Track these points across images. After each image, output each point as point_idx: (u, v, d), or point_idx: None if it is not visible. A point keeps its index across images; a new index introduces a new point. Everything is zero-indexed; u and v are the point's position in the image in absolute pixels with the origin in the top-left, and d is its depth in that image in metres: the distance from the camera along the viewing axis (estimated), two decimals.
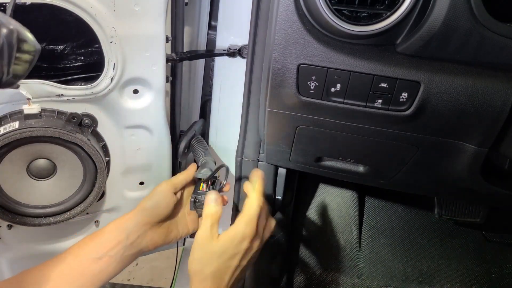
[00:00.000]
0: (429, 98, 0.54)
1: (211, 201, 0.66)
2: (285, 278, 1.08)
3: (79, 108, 0.72)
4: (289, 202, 1.03)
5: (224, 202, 0.71)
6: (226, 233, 0.62)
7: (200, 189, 0.73)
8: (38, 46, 0.32)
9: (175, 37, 0.76)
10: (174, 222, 0.76)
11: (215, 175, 0.74)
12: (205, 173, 0.74)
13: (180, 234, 0.77)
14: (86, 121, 0.72)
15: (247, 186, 0.67)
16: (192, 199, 0.72)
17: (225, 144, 0.96)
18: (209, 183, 0.75)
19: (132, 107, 0.75)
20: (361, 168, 0.74)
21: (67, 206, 0.78)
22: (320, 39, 0.54)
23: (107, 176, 0.77)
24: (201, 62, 0.93)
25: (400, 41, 0.53)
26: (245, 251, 0.62)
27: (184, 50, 0.80)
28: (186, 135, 0.88)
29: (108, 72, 0.68)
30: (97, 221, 0.89)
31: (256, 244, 0.64)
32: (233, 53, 0.83)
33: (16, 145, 0.67)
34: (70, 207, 0.78)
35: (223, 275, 0.62)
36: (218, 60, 0.90)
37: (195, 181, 0.77)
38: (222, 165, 0.73)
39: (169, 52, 0.77)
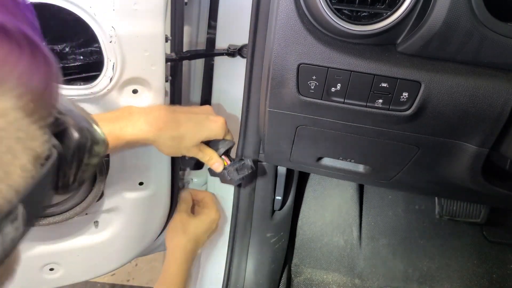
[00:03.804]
0: (430, 98, 0.54)
1: (184, 193, 0.92)
2: (285, 278, 1.08)
3: None
4: (289, 202, 1.03)
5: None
6: (202, 215, 0.87)
7: (226, 164, 0.80)
8: (107, 143, 0.29)
9: (174, 37, 0.76)
10: None
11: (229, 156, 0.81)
12: (224, 146, 0.79)
13: None
14: None
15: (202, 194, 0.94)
16: (230, 175, 0.80)
17: None
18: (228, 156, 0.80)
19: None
20: (361, 168, 0.74)
21: (66, 207, 0.77)
22: (320, 39, 0.54)
23: (106, 176, 0.77)
24: (200, 62, 0.93)
25: (401, 41, 0.53)
26: (212, 230, 0.88)
27: (184, 50, 0.79)
28: None
29: (107, 72, 0.68)
30: (97, 221, 0.89)
31: (216, 227, 0.89)
32: (233, 52, 0.83)
33: None
34: (69, 208, 0.77)
35: (198, 244, 0.85)
36: (218, 60, 0.90)
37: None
38: (231, 141, 0.79)
39: (168, 52, 0.77)
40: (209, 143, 0.75)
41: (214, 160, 0.76)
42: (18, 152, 0.20)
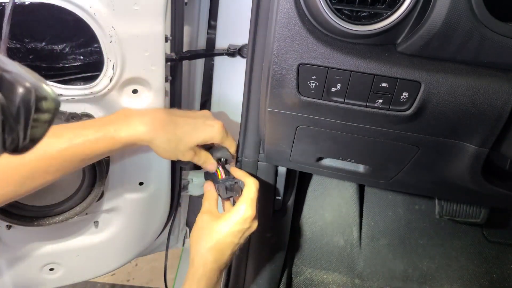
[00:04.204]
0: (430, 98, 0.54)
1: (207, 187, 0.76)
2: (285, 278, 1.08)
3: (78, 108, 0.72)
4: (289, 202, 1.03)
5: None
6: (229, 214, 0.70)
7: (220, 177, 0.77)
8: (58, 101, 0.29)
9: (174, 37, 0.76)
10: None
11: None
12: (221, 154, 0.77)
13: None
14: None
15: (237, 172, 0.76)
16: (219, 190, 0.76)
17: None
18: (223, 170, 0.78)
19: (131, 107, 0.75)
20: (361, 168, 0.74)
21: (66, 207, 0.77)
22: (320, 39, 0.54)
23: (106, 176, 0.77)
24: (200, 62, 0.93)
25: (401, 41, 0.53)
26: (245, 230, 0.70)
27: (184, 50, 0.79)
28: None
29: (107, 72, 0.68)
30: (97, 221, 0.89)
31: (255, 224, 0.72)
32: (233, 52, 0.83)
33: None
34: (69, 208, 0.77)
35: (225, 251, 0.69)
36: (218, 60, 0.90)
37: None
38: (230, 154, 0.78)
39: (168, 52, 0.77)
40: (208, 150, 0.76)
41: (208, 162, 0.75)
42: None
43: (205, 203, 0.75)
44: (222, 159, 0.78)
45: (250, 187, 0.72)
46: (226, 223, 0.69)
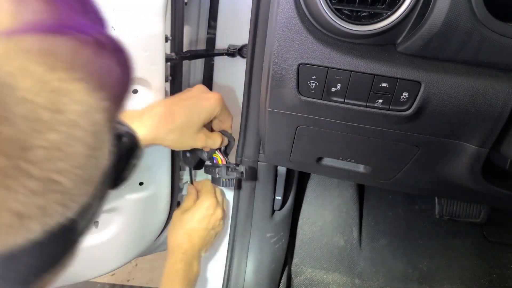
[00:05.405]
0: (430, 98, 0.54)
1: (188, 189, 0.90)
2: (285, 278, 1.08)
3: None
4: (289, 202, 1.03)
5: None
6: (193, 206, 0.84)
7: (220, 162, 0.82)
8: (143, 150, 0.34)
9: (174, 37, 0.76)
10: None
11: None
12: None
13: None
14: None
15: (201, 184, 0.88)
16: (221, 172, 0.82)
17: None
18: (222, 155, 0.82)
19: (131, 107, 0.75)
20: (361, 168, 0.74)
21: None
22: (320, 39, 0.54)
23: None
24: (200, 62, 0.93)
25: (401, 41, 0.53)
26: (210, 216, 0.83)
27: (184, 50, 0.79)
28: None
29: None
30: (97, 221, 0.89)
31: (219, 211, 0.84)
32: (233, 52, 0.83)
33: None
34: None
35: (193, 234, 0.81)
36: (218, 60, 0.90)
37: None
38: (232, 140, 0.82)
39: (168, 52, 0.77)
40: None
41: (220, 140, 0.77)
42: (105, 140, 0.25)
43: (184, 202, 0.88)
44: (221, 147, 0.80)
45: (205, 183, 0.87)
46: (193, 213, 0.82)
